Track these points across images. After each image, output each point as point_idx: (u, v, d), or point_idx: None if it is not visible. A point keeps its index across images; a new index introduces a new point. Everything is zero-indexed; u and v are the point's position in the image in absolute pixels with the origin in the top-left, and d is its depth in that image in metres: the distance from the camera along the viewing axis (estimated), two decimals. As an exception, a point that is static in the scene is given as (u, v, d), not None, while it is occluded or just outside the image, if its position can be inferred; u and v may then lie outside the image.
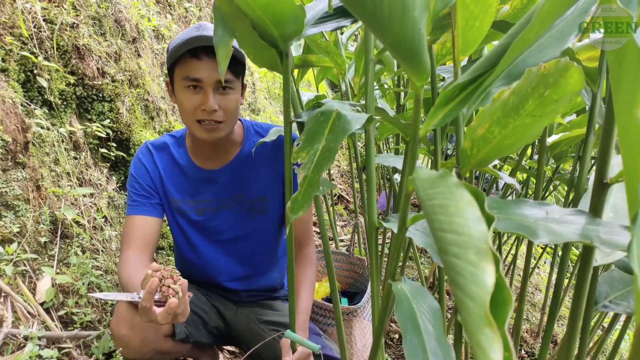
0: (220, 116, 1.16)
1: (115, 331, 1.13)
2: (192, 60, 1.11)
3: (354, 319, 1.64)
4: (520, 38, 0.46)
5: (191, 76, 1.12)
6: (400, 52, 0.45)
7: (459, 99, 0.55)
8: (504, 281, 0.33)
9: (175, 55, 1.12)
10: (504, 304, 0.32)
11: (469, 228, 0.38)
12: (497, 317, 0.31)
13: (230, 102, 1.16)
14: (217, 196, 1.31)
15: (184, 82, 1.13)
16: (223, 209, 1.31)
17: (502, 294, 0.32)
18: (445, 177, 0.46)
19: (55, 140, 1.65)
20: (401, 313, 0.63)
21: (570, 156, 1.99)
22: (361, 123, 0.77)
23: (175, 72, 1.16)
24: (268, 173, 1.30)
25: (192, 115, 1.16)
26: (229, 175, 1.30)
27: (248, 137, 1.33)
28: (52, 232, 1.54)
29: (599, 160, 0.60)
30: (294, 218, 0.77)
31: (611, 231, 0.56)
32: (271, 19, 0.81)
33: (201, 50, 1.10)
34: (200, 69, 1.11)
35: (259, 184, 1.31)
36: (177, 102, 1.18)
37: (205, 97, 1.13)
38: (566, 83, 0.52)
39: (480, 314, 0.30)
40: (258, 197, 1.31)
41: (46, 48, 1.72)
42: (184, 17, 3.05)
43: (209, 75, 1.11)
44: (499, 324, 0.30)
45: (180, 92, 1.16)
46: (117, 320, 1.13)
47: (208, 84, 1.12)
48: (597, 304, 0.95)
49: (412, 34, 0.43)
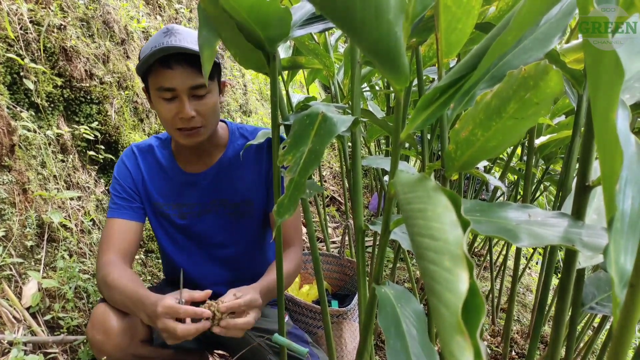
0: (199, 121, 1.15)
1: (90, 336, 1.12)
2: (163, 70, 1.10)
3: (344, 322, 1.63)
4: (498, 41, 0.46)
5: (164, 86, 1.10)
6: (376, 56, 0.45)
7: (439, 102, 0.55)
8: (477, 288, 0.32)
9: (145, 64, 1.11)
10: (477, 311, 0.32)
11: (445, 233, 0.37)
12: (469, 324, 0.30)
13: (207, 106, 1.15)
14: (200, 200, 1.30)
15: (158, 93, 1.12)
16: (207, 213, 1.31)
17: (475, 301, 0.32)
18: (424, 181, 0.45)
19: (42, 143, 1.64)
20: (384, 317, 0.63)
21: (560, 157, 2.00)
22: (347, 125, 0.77)
23: (149, 81, 1.15)
24: (252, 176, 1.30)
25: (171, 124, 1.15)
26: (213, 179, 1.29)
27: (232, 140, 1.32)
28: (39, 236, 1.53)
29: (581, 163, 0.60)
30: (281, 221, 0.77)
31: (593, 234, 0.56)
32: (256, 22, 0.81)
33: (172, 58, 1.09)
34: (173, 77, 1.10)
35: (243, 187, 1.30)
36: (156, 111, 1.18)
37: (182, 105, 1.11)
38: (546, 86, 0.52)
39: (452, 322, 0.29)
40: (242, 200, 1.30)
41: (33, 50, 1.70)
42: (174, 18, 3.04)
43: (182, 82, 1.10)
44: (471, 331, 0.29)
45: (156, 102, 1.15)
46: (92, 324, 1.12)
47: (182, 92, 1.11)
48: (584, 306, 0.95)
49: (388, 38, 0.42)
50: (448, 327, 0.30)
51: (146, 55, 1.09)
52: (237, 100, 3.47)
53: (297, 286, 1.92)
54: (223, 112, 3.11)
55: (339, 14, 0.42)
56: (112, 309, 1.13)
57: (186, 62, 1.09)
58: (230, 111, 3.23)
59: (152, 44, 1.10)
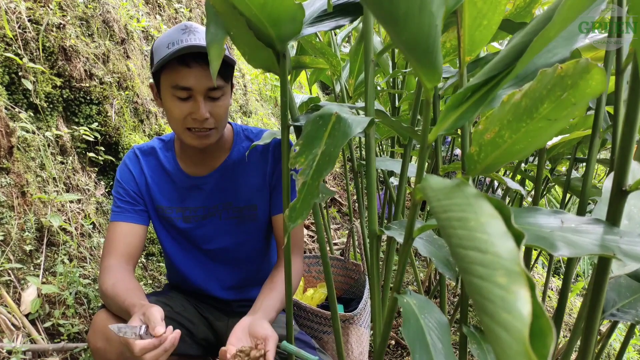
0: (212, 123, 1.12)
1: (92, 344, 1.08)
2: (181, 67, 1.06)
3: (351, 327, 1.60)
4: (541, 35, 0.43)
5: (180, 85, 1.06)
6: (414, 50, 0.42)
7: (471, 101, 0.51)
8: (541, 308, 0.29)
9: (163, 61, 1.06)
10: (543, 336, 0.28)
11: (494, 246, 0.34)
12: (536, 351, 0.27)
13: (221, 108, 1.12)
14: (204, 204, 1.26)
15: (172, 90, 1.08)
16: (211, 217, 1.27)
17: (540, 324, 0.29)
18: (462, 187, 0.42)
19: (41, 145, 1.60)
20: (408, 329, 0.59)
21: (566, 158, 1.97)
22: (363, 127, 0.74)
23: (162, 78, 1.10)
24: (256, 179, 1.26)
25: (181, 123, 1.11)
26: (217, 182, 1.26)
27: (237, 142, 1.28)
28: (38, 240, 1.49)
29: (617, 167, 0.57)
30: (293, 227, 0.73)
31: (632, 241, 0.53)
32: (268, 19, 0.77)
33: (190, 57, 1.05)
34: (190, 77, 1.06)
35: (248, 191, 1.26)
36: (165, 109, 1.13)
37: (197, 105, 1.08)
38: (586, 85, 0.49)
39: (519, 350, 0.26)
40: (246, 204, 1.27)
41: (31, 49, 1.67)
42: (173, 17, 3.00)
43: (199, 83, 1.07)
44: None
45: (168, 100, 1.10)
46: (93, 332, 1.09)
47: (198, 92, 1.07)
48: (605, 312, 0.92)
49: (429, 31, 0.39)
50: (513, 355, 0.26)
51: (165, 53, 1.05)
52: (238, 100, 3.43)
53: (301, 290, 1.89)
54: (223, 112, 3.08)
55: (383, 5, 0.39)
56: (113, 315, 1.09)
57: (205, 62, 1.06)
58: (230, 111, 3.20)
59: (168, 40, 1.06)
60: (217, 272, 1.33)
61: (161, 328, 0.90)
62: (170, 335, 0.91)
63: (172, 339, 0.91)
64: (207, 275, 1.33)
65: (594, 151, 0.95)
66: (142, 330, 0.90)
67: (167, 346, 0.90)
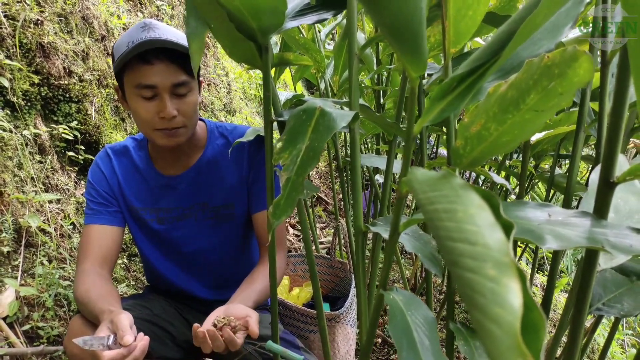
0: (180, 121, 1.08)
1: (68, 349, 1.05)
2: (142, 65, 1.02)
3: (337, 325, 1.59)
4: (527, 22, 0.42)
5: (144, 83, 1.02)
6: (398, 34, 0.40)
7: (456, 92, 0.50)
8: (532, 301, 0.28)
9: (122, 61, 1.02)
10: (536, 329, 0.27)
11: (483, 237, 0.33)
12: (529, 345, 0.26)
13: (189, 105, 1.09)
14: (179, 204, 1.23)
15: (136, 90, 1.04)
16: (186, 218, 1.24)
17: (532, 317, 0.27)
18: (449, 178, 0.41)
19: (18, 144, 1.56)
20: (395, 326, 0.58)
21: (550, 155, 1.98)
22: (347, 121, 0.72)
23: (125, 78, 1.06)
24: (232, 177, 1.23)
25: (149, 124, 1.07)
26: (191, 182, 1.22)
27: (211, 139, 1.25)
28: (16, 241, 1.45)
29: (604, 158, 0.56)
30: (277, 224, 0.72)
31: (620, 234, 0.52)
32: (249, 10, 0.76)
33: (151, 53, 1.01)
34: (153, 74, 1.02)
35: (224, 190, 1.23)
36: (131, 111, 1.09)
37: (162, 103, 1.04)
38: (574, 74, 0.48)
39: (511, 344, 0.25)
40: (223, 203, 1.24)
41: (8, 46, 1.62)
42: (155, 15, 2.96)
43: (163, 79, 1.03)
44: (533, 354, 0.25)
45: (133, 101, 1.06)
46: (68, 337, 1.05)
47: (163, 89, 1.03)
48: (591, 307, 0.92)
49: (413, 13, 0.38)
50: (505, 351, 0.25)
51: (123, 50, 1.01)
52: (221, 99, 3.40)
53: (287, 289, 1.87)
54: (207, 111, 3.04)
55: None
56: (88, 321, 1.06)
57: (167, 58, 1.02)
58: (214, 110, 3.16)
59: (128, 39, 1.02)
60: (197, 273, 1.30)
61: (129, 337, 0.86)
62: (140, 343, 0.88)
63: (142, 347, 0.87)
64: (187, 276, 1.30)
65: (579, 146, 0.95)
66: (110, 340, 0.86)
67: (136, 354, 0.86)
